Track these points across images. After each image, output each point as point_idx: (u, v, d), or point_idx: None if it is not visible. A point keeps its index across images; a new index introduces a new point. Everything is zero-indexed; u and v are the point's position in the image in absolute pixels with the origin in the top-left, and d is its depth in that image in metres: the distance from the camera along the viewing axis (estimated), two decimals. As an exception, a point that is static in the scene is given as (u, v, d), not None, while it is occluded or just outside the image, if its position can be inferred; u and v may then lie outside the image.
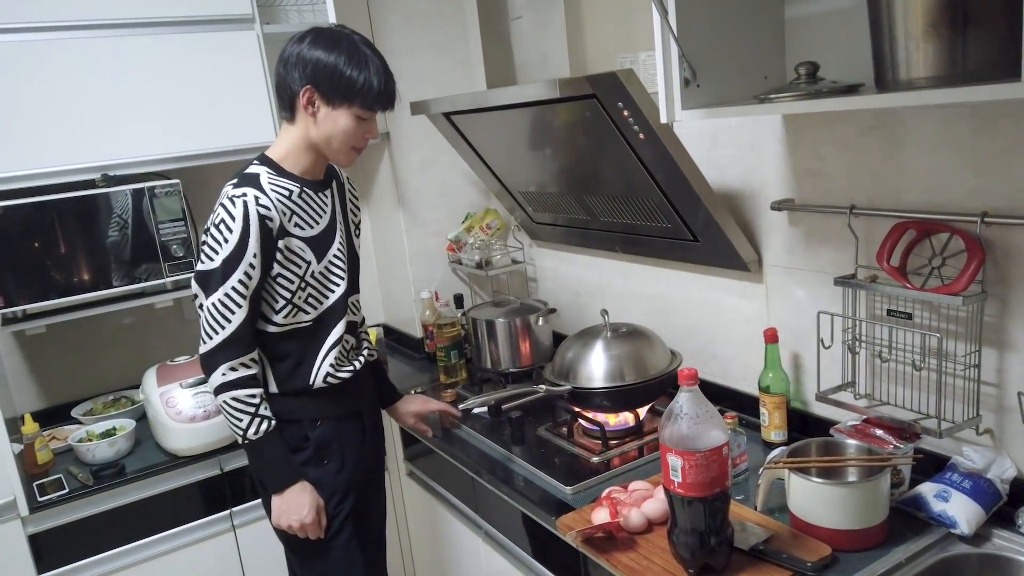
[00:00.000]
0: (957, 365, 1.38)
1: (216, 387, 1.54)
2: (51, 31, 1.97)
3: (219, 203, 1.52)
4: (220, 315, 1.51)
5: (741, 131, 1.71)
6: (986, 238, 1.30)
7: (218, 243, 1.50)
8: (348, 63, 1.51)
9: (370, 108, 1.55)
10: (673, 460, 1.24)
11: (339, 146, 1.57)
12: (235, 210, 1.49)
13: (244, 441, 1.58)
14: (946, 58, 1.10)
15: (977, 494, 1.33)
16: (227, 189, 1.53)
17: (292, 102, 1.55)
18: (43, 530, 1.90)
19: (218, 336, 1.52)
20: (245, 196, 1.50)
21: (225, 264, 1.49)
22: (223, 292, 1.50)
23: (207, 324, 1.53)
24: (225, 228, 1.50)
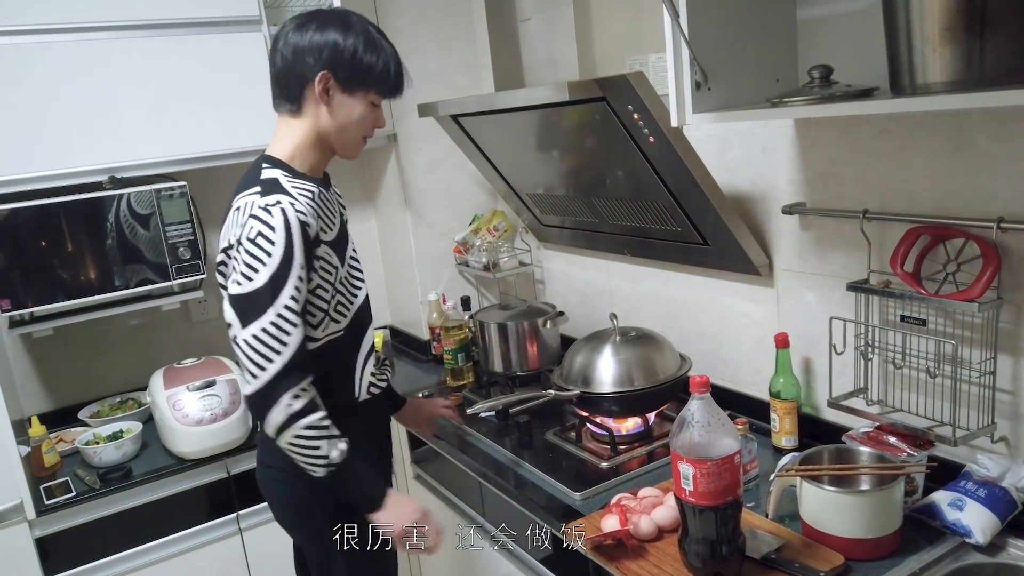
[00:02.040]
0: (972, 372, 1.36)
1: (281, 424, 1.34)
2: (59, 33, 1.97)
3: (247, 216, 1.35)
4: (274, 340, 1.33)
5: (752, 134, 1.70)
6: (1002, 244, 1.29)
7: (258, 260, 1.33)
8: (365, 47, 1.41)
9: (387, 94, 1.48)
10: (685, 468, 1.23)
11: (352, 136, 1.48)
12: (273, 219, 1.33)
13: (329, 469, 1.40)
14: (963, 62, 1.08)
15: (992, 503, 1.31)
16: (252, 199, 1.37)
17: (301, 92, 1.43)
18: (50, 533, 1.90)
19: (274, 365, 1.33)
20: (280, 203, 1.34)
21: (272, 282, 1.33)
22: (274, 313, 1.33)
23: (256, 355, 1.33)
24: (265, 240, 1.33)
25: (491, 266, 2.47)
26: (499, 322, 2.20)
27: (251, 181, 1.42)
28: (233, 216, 1.40)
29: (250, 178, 1.43)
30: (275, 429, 1.35)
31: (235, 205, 1.40)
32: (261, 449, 1.58)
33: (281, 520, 1.62)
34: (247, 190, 1.40)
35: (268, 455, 1.53)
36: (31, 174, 1.96)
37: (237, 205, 1.39)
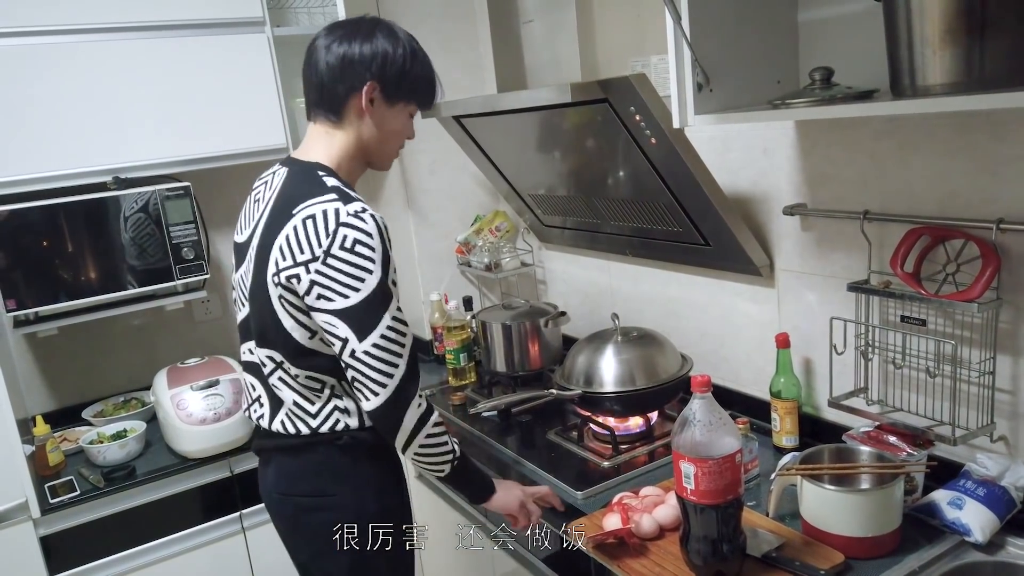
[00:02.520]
0: (972, 372, 1.37)
1: (414, 427, 1.34)
2: (63, 34, 1.98)
3: (335, 224, 1.27)
4: (395, 344, 1.30)
5: (754, 135, 1.71)
6: (1001, 244, 1.29)
7: (362, 268, 1.27)
8: (412, 58, 1.40)
9: (426, 106, 1.47)
10: (686, 467, 1.24)
11: (391, 148, 1.46)
12: (368, 226, 1.28)
13: (453, 464, 1.42)
14: (963, 64, 1.09)
15: (991, 502, 1.32)
16: (334, 207, 1.28)
17: (346, 101, 1.38)
18: (54, 532, 1.91)
19: (399, 371, 1.30)
20: (368, 209, 1.30)
21: (381, 288, 1.29)
22: (390, 318, 1.30)
23: (381, 363, 1.29)
24: (365, 248, 1.27)
25: (493, 266, 2.48)
26: (501, 322, 2.21)
27: (316, 189, 1.33)
28: (306, 225, 1.29)
29: (311, 186, 1.34)
30: (408, 435, 1.34)
31: (302, 213, 1.30)
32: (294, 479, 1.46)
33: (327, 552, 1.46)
34: (316, 198, 1.31)
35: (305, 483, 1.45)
36: (36, 175, 1.98)
37: (310, 213, 1.29)
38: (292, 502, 1.47)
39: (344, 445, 1.42)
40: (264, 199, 1.42)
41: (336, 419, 1.41)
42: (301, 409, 1.42)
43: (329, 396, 1.41)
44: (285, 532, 1.54)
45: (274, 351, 1.40)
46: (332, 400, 1.41)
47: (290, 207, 1.33)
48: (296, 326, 1.35)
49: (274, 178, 1.44)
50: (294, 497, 1.46)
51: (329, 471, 1.43)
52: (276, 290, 1.33)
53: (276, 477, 1.49)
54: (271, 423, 1.46)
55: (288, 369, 1.40)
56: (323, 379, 1.40)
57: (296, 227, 1.30)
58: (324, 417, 1.41)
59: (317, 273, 1.28)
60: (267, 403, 1.46)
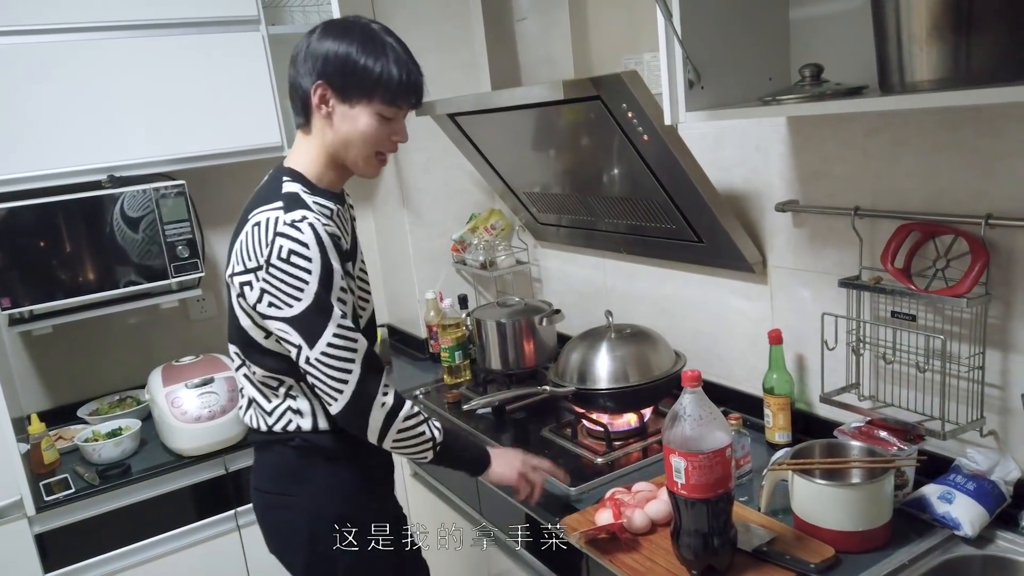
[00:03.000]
0: (961, 367, 1.38)
1: (383, 424, 1.34)
2: (58, 33, 1.98)
3: (273, 234, 1.26)
4: (343, 350, 1.30)
5: (746, 132, 1.71)
6: (990, 240, 1.30)
7: (298, 279, 1.26)
8: (362, 51, 1.29)
9: (393, 103, 1.33)
10: (676, 462, 1.24)
11: (359, 152, 1.36)
12: (303, 235, 1.26)
13: (435, 449, 1.42)
14: (950, 61, 1.10)
15: (981, 496, 1.32)
16: (275, 215, 1.28)
17: (306, 105, 1.34)
18: (49, 529, 1.91)
19: (353, 375, 1.30)
20: (307, 219, 1.27)
21: (318, 300, 1.27)
22: (334, 326, 1.28)
23: (333, 370, 1.29)
24: (300, 258, 1.26)
25: (488, 264, 2.48)
26: (496, 320, 2.21)
27: (271, 195, 1.33)
28: (253, 232, 1.29)
29: (269, 191, 1.34)
30: (378, 432, 1.34)
31: (253, 219, 1.30)
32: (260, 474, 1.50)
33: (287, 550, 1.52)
34: (266, 205, 1.31)
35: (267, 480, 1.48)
36: (31, 173, 1.98)
37: (257, 220, 1.29)
38: (261, 498, 1.51)
39: (298, 447, 1.42)
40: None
41: (289, 419, 1.42)
42: (259, 406, 1.45)
43: (284, 395, 1.42)
44: (259, 526, 1.57)
45: (238, 348, 1.43)
46: (287, 400, 1.42)
47: (247, 212, 1.34)
48: (252, 326, 1.37)
49: None
50: (261, 493, 1.50)
51: (287, 471, 1.44)
52: (235, 289, 1.35)
53: (253, 471, 1.54)
54: (244, 415, 1.50)
55: (249, 367, 1.42)
56: (281, 378, 1.41)
57: (247, 233, 1.31)
58: (277, 416, 1.43)
59: (264, 281, 1.28)
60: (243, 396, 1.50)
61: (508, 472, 1.53)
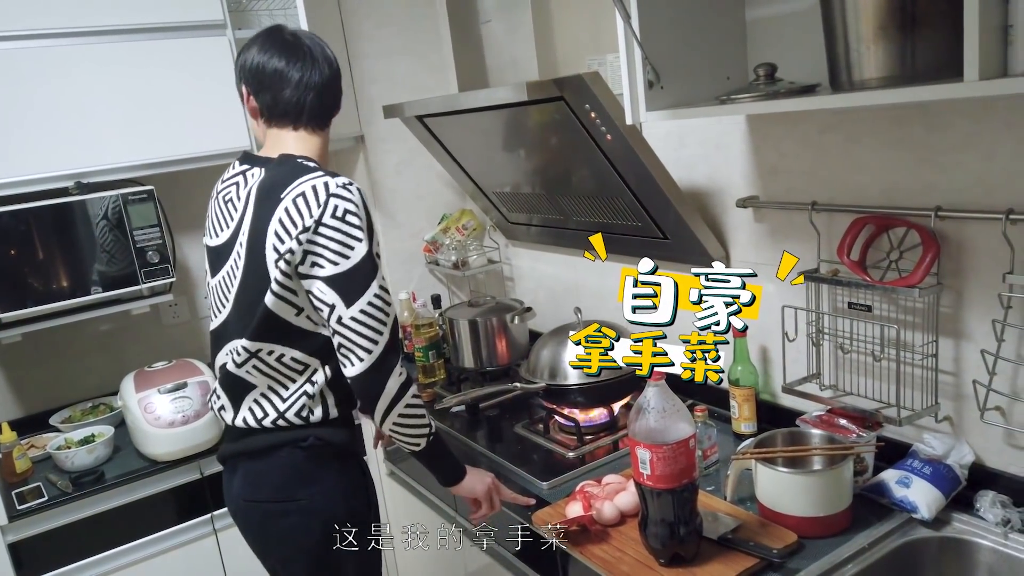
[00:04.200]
0: (915, 355, 1.42)
1: (395, 394, 1.36)
2: (22, 40, 1.97)
3: (326, 195, 1.32)
4: (380, 311, 1.34)
5: (708, 131, 1.75)
6: (940, 231, 1.35)
7: (351, 236, 1.32)
8: None
9: None
10: (642, 453, 1.27)
11: None
12: (354, 196, 1.34)
13: (429, 439, 1.45)
14: (896, 59, 1.14)
15: (937, 479, 1.37)
16: (322, 181, 1.33)
17: (333, 112, 1.51)
18: (23, 538, 1.90)
19: (383, 337, 1.34)
20: (354, 183, 1.36)
21: (369, 257, 1.34)
22: (377, 286, 1.33)
23: (366, 329, 1.33)
24: (354, 217, 1.32)
25: (460, 264, 2.50)
26: (468, 319, 2.23)
27: (299, 172, 1.37)
28: (297, 201, 1.32)
29: (294, 171, 1.38)
30: (389, 402, 1.36)
31: (295, 191, 1.33)
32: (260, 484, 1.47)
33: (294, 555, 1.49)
34: (301, 177, 1.35)
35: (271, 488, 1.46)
36: (-3, 180, 1.97)
37: (300, 191, 1.33)
38: (258, 508, 1.48)
39: (310, 447, 1.43)
40: (241, 198, 1.44)
41: (302, 405, 1.43)
42: (274, 393, 1.43)
43: (304, 381, 1.43)
44: (253, 538, 1.54)
45: (256, 341, 1.40)
46: (304, 385, 1.43)
47: (277, 193, 1.36)
48: (284, 305, 1.37)
49: (247, 178, 1.46)
50: (261, 503, 1.47)
51: (295, 474, 1.44)
52: (274, 272, 1.35)
53: (242, 484, 1.49)
54: (234, 417, 1.47)
55: (272, 352, 1.40)
56: (307, 363, 1.42)
57: (287, 207, 1.34)
58: (291, 403, 1.43)
59: (308, 242, 1.32)
60: (227, 397, 1.48)
61: (479, 487, 1.56)
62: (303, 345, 1.41)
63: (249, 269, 1.40)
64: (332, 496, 1.45)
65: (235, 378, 1.45)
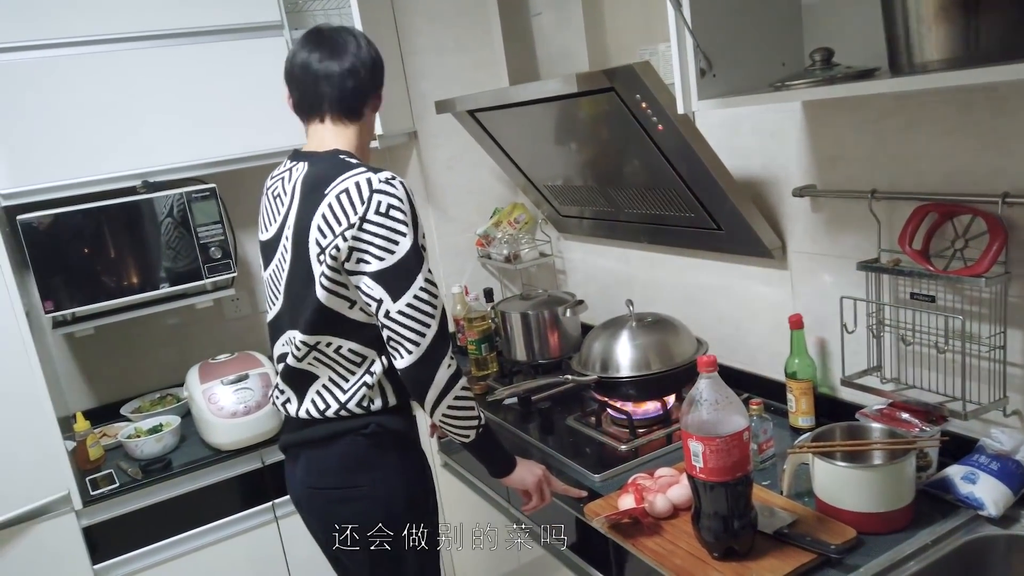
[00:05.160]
0: (982, 347, 1.37)
1: (444, 386, 1.38)
2: (89, 45, 2.04)
3: (370, 191, 1.34)
4: (427, 304, 1.36)
5: (763, 118, 1.72)
6: (1008, 218, 1.30)
7: (396, 232, 1.34)
8: None
9: None
10: (694, 446, 1.26)
11: None
12: (398, 191, 1.35)
13: (478, 431, 1.46)
14: (959, 40, 1.10)
15: (1005, 475, 1.32)
16: (366, 177, 1.35)
17: (367, 102, 1.51)
18: (96, 523, 1.99)
19: (431, 330, 1.36)
20: (397, 176, 1.38)
21: (415, 250, 1.35)
22: (423, 279, 1.36)
23: (414, 322, 1.35)
24: (398, 212, 1.34)
25: (512, 258, 2.51)
26: (520, 312, 2.24)
27: (342, 168, 1.39)
28: (342, 198, 1.35)
29: (336, 167, 1.40)
30: (438, 393, 1.38)
31: (338, 188, 1.36)
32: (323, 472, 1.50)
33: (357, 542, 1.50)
34: (345, 174, 1.37)
35: (333, 476, 1.49)
36: (69, 180, 2.05)
37: (344, 188, 1.35)
38: (321, 495, 1.52)
39: (372, 434, 1.46)
40: (287, 192, 1.48)
41: (363, 395, 1.46)
42: (335, 385, 1.46)
43: (364, 371, 1.46)
44: (317, 525, 1.58)
45: (313, 334, 1.44)
46: (365, 376, 1.46)
47: (321, 189, 1.39)
48: (335, 299, 1.40)
49: (292, 172, 1.49)
50: (324, 490, 1.51)
51: (357, 462, 1.47)
52: (319, 268, 1.39)
53: (305, 472, 1.53)
54: (298, 408, 1.51)
55: (330, 344, 1.44)
56: (365, 354, 1.45)
57: (331, 204, 1.36)
58: (352, 393, 1.46)
59: (354, 239, 1.35)
60: (291, 389, 1.52)
61: (530, 478, 1.57)
62: (359, 336, 1.44)
63: (295, 262, 1.44)
64: (393, 483, 1.48)
65: (298, 371, 1.49)
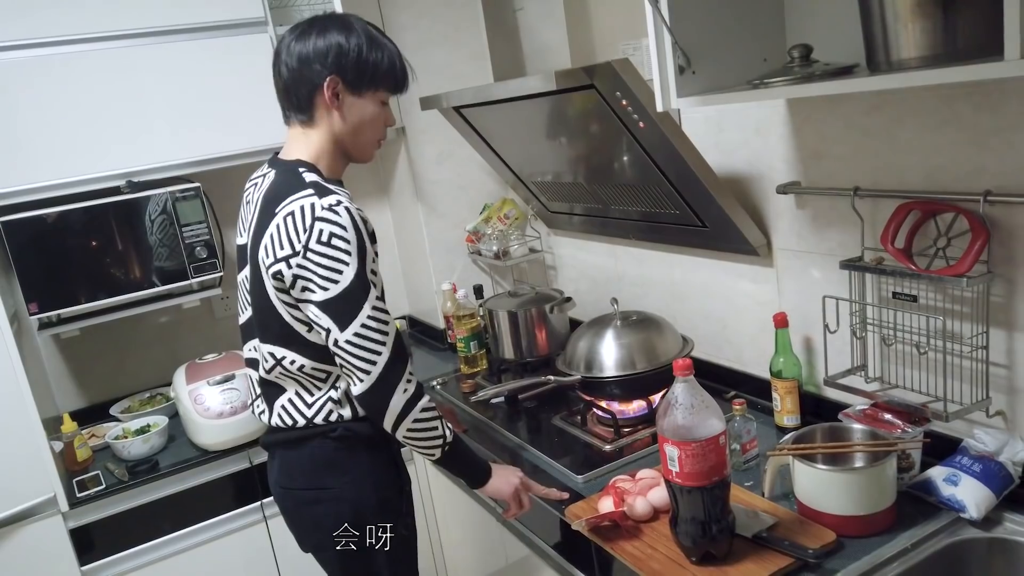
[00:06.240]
0: (964, 347, 1.35)
1: (401, 411, 1.37)
2: (72, 44, 2.03)
3: (311, 219, 1.30)
4: (376, 332, 1.33)
5: (746, 115, 1.69)
6: (990, 217, 1.27)
7: (338, 260, 1.30)
8: (369, 46, 1.40)
9: (395, 90, 1.46)
10: (670, 450, 1.25)
11: (367, 138, 1.46)
12: (341, 218, 1.31)
13: (444, 449, 1.45)
14: (935, 37, 1.08)
15: (987, 477, 1.30)
16: (310, 202, 1.31)
17: (311, 100, 1.41)
18: (83, 524, 1.99)
19: (382, 357, 1.34)
20: (342, 201, 1.32)
21: (359, 279, 1.32)
22: (369, 307, 1.33)
23: (362, 351, 1.33)
24: (340, 240, 1.30)
25: (502, 254, 2.50)
26: (508, 310, 2.23)
27: (295, 185, 1.36)
28: (287, 222, 1.33)
29: (291, 183, 1.37)
30: (395, 418, 1.38)
31: (284, 210, 1.34)
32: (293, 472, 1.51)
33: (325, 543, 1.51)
34: (295, 194, 1.34)
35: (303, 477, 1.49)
36: (51, 181, 2.03)
37: (290, 209, 1.33)
38: (291, 495, 1.52)
39: (339, 437, 1.46)
40: (254, 201, 1.46)
41: (330, 409, 1.45)
42: (300, 399, 1.46)
43: (330, 386, 1.45)
44: (290, 524, 1.59)
45: (277, 346, 1.43)
46: (330, 390, 1.45)
47: (274, 206, 1.37)
48: (294, 320, 1.40)
49: (263, 180, 1.47)
50: (294, 491, 1.51)
51: (326, 464, 1.46)
52: (271, 282, 1.38)
53: (278, 472, 1.54)
54: (270, 418, 1.51)
55: (293, 361, 1.43)
56: (328, 370, 1.44)
57: (278, 224, 1.34)
58: (319, 407, 1.45)
59: (298, 267, 1.32)
60: (263, 399, 1.52)
61: (506, 488, 1.55)
62: (321, 356, 1.42)
63: (253, 274, 1.44)
64: (362, 485, 1.47)
65: (267, 382, 1.50)
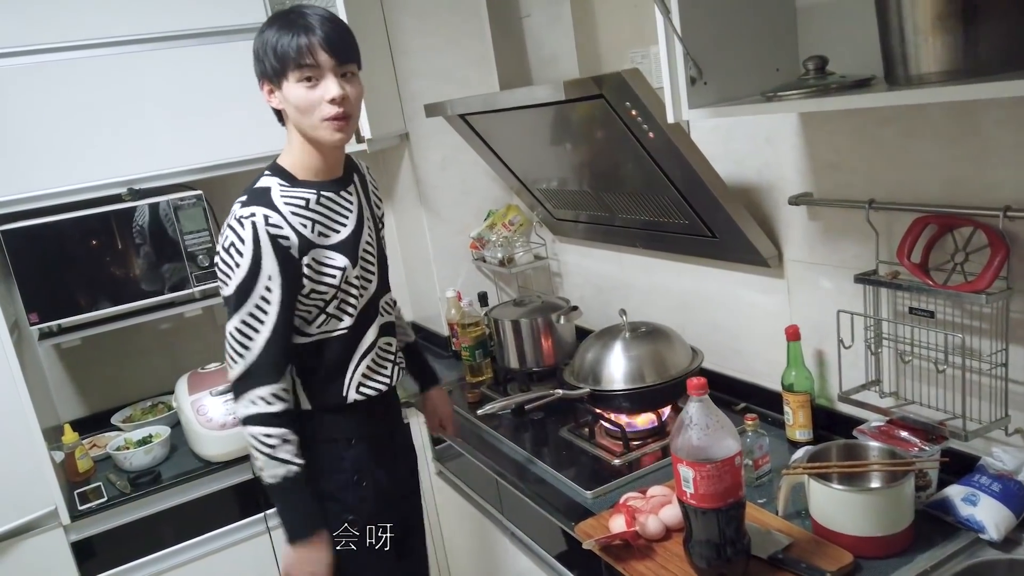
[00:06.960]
0: (983, 364, 1.33)
1: (241, 419, 1.46)
2: (72, 50, 2.01)
3: (227, 223, 1.43)
4: (240, 342, 1.43)
5: (757, 124, 1.67)
6: (1010, 232, 1.25)
7: (230, 268, 1.41)
8: (279, 31, 1.37)
9: (299, 66, 1.37)
10: (685, 471, 1.22)
11: (311, 122, 1.42)
12: (244, 232, 1.39)
13: (266, 483, 1.47)
14: (956, 51, 1.05)
15: (1007, 497, 1.28)
16: (235, 208, 1.42)
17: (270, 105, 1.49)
18: (85, 537, 1.96)
19: (240, 363, 1.43)
20: (254, 216, 1.39)
21: (239, 290, 1.40)
22: (239, 319, 1.42)
23: (230, 349, 1.45)
24: (235, 252, 1.40)
25: (507, 261, 2.47)
26: (513, 319, 2.20)
27: (247, 188, 1.47)
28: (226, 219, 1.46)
29: (249, 185, 1.48)
30: (240, 419, 1.47)
31: None
32: None
33: None
34: (240, 197, 1.45)
35: None
36: (52, 189, 2.01)
37: (232, 208, 1.45)
38: None
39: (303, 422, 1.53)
40: None
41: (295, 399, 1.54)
42: None
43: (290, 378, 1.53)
44: None
45: None
46: None
47: None
48: None
49: None
50: None
51: None
52: None
53: None
54: None
55: None
56: None
57: None
58: None
59: (215, 264, 1.47)
60: None
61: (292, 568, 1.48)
62: None
63: None
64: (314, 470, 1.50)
65: None
